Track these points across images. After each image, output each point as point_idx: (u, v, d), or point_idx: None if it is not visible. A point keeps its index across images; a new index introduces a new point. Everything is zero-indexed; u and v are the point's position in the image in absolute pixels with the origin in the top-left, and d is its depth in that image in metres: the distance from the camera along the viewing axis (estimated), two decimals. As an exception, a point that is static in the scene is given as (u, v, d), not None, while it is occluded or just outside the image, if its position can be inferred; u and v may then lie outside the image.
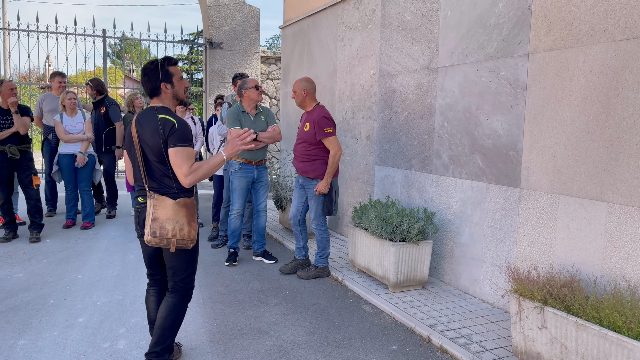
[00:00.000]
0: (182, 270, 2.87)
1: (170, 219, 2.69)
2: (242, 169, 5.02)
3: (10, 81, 5.75)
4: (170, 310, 2.84)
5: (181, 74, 2.87)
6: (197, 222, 2.86)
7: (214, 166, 2.71)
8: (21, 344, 3.27)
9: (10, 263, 5.00)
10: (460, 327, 3.60)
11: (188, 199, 2.78)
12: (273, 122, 5.12)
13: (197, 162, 2.71)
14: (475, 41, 4.12)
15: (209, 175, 2.74)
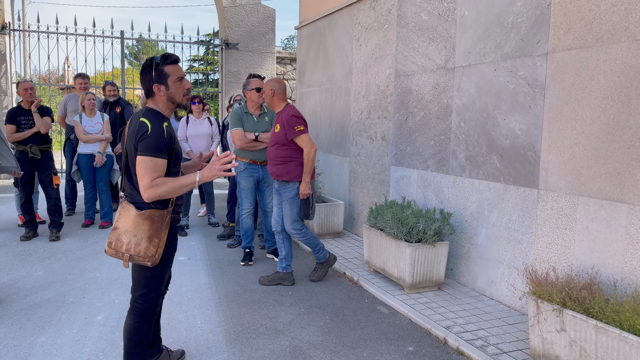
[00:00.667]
0: (141, 285, 2.55)
1: (129, 231, 2.44)
2: (247, 169, 5.07)
3: (27, 81, 5.85)
4: (129, 332, 2.58)
5: (182, 74, 2.57)
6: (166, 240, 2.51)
7: (182, 186, 2.40)
8: (41, 341, 3.33)
9: (31, 261, 5.08)
10: (477, 329, 3.57)
11: (157, 211, 2.48)
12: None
13: (165, 177, 2.42)
14: (493, 41, 4.08)
15: (173, 193, 2.41)
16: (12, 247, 5.58)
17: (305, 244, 4.70)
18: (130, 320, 2.59)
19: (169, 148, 2.47)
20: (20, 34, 10.48)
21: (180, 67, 2.59)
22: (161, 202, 2.51)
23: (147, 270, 2.54)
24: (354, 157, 6.41)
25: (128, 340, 2.58)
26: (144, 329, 2.59)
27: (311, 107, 7.69)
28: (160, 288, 2.60)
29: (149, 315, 2.60)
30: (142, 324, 2.58)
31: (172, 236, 2.61)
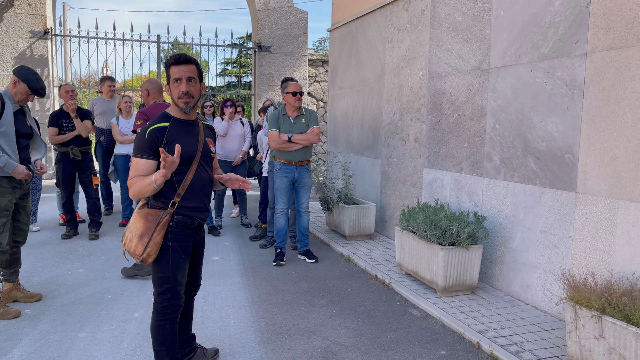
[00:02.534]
0: (156, 285, 2.61)
1: (129, 226, 2.56)
2: (283, 169, 5.21)
3: (69, 84, 6.05)
4: (152, 330, 2.64)
5: (178, 75, 2.53)
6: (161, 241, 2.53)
7: (144, 186, 2.43)
8: (81, 336, 3.44)
9: (71, 259, 5.26)
10: (511, 334, 3.51)
11: (153, 211, 2.54)
12: (314, 123, 5.24)
13: (139, 177, 2.47)
14: (529, 41, 4.01)
15: (141, 193, 2.46)
16: (54, 245, 5.79)
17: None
18: (153, 319, 2.65)
19: (156, 149, 2.49)
20: (62, 39, 10.85)
21: (181, 68, 2.54)
22: (162, 202, 2.57)
23: (157, 270, 2.59)
24: (385, 159, 6.39)
25: (153, 338, 2.65)
26: (165, 327, 2.62)
27: (343, 109, 7.71)
28: (175, 289, 2.61)
29: (168, 314, 2.62)
30: (163, 323, 2.62)
31: (178, 238, 2.60)
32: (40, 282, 4.52)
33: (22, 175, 3.77)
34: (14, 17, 10.08)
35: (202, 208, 2.69)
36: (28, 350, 3.22)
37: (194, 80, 2.58)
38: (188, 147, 2.59)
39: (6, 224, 3.75)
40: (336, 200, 6.33)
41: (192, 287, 2.92)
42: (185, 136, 2.60)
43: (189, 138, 2.62)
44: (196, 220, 2.67)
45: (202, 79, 2.67)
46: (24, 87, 3.78)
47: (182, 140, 2.58)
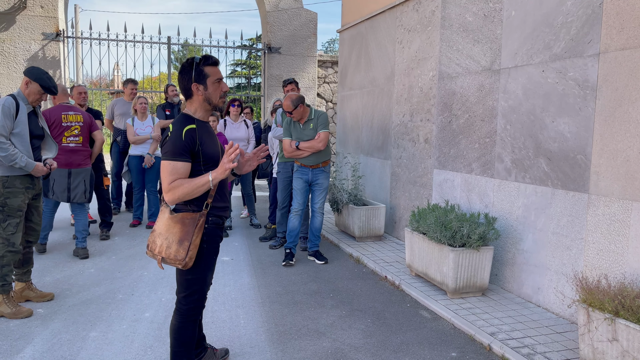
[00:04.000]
0: (184, 287, 2.61)
1: (162, 234, 2.51)
2: (299, 171, 5.36)
3: (81, 85, 6.10)
4: (175, 331, 2.64)
5: (221, 75, 2.60)
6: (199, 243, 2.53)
7: (198, 186, 2.43)
8: (93, 336, 3.47)
9: (83, 259, 5.29)
10: (523, 336, 3.49)
11: (189, 214, 2.51)
12: (323, 128, 5.24)
13: (184, 179, 2.45)
14: (541, 41, 3.98)
15: (191, 195, 2.44)
16: (65, 245, 5.84)
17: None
18: (175, 320, 2.64)
19: (192, 151, 2.48)
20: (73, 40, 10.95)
21: (219, 69, 2.61)
22: (195, 205, 2.53)
23: (187, 272, 2.57)
24: (395, 160, 6.37)
25: (174, 339, 2.65)
26: (188, 329, 2.63)
27: (352, 110, 7.70)
28: (202, 290, 2.63)
29: (193, 316, 2.64)
30: (187, 325, 2.63)
31: (211, 239, 2.61)
32: (52, 281, 4.56)
33: (40, 173, 3.86)
34: (27, 19, 10.18)
35: (229, 207, 2.75)
36: (40, 349, 3.24)
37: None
38: (213, 147, 2.61)
39: (19, 224, 3.78)
40: (346, 201, 6.32)
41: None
42: (209, 137, 2.64)
43: (212, 139, 2.67)
44: (223, 219, 2.70)
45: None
46: (36, 86, 3.82)
47: (209, 140, 2.61)
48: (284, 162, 5.80)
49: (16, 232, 3.76)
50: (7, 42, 10.12)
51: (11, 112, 3.70)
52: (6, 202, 3.73)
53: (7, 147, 3.65)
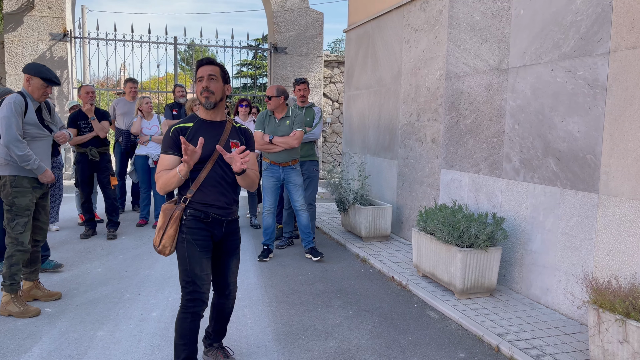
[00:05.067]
0: (180, 278, 2.74)
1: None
2: (269, 169, 5.39)
3: (89, 85, 6.12)
4: (175, 323, 2.76)
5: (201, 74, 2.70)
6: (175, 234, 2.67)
7: (169, 177, 2.60)
8: (100, 335, 3.47)
9: (90, 258, 5.31)
10: (531, 337, 3.46)
11: (168, 205, 2.70)
12: (299, 127, 5.30)
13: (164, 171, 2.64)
14: (550, 40, 3.95)
15: (167, 185, 2.61)
16: (72, 244, 5.86)
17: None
18: (178, 312, 2.73)
19: (178, 146, 2.65)
20: (81, 41, 10.99)
21: (204, 68, 2.70)
22: (178, 197, 2.73)
23: (178, 264, 2.72)
24: (402, 160, 6.35)
25: (174, 331, 2.73)
26: (186, 321, 2.68)
27: (359, 110, 7.68)
28: (195, 283, 2.66)
29: (190, 308, 2.67)
30: (184, 316, 2.68)
31: (192, 232, 2.68)
32: (60, 280, 4.57)
33: (47, 180, 3.87)
34: (34, 20, 10.24)
35: (219, 205, 2.73)
36: (48, 348, 3.25)
37: (215, 79, 2.70)
38: (205, 146, 2.67)
39: (27, 223, 3.79)
40: (352, 201, 6.31)
41: (220, 288, 2.92)
42: (205, 135, 2.69)
43: (210, 138, 2.69)
44: (211, 215, 2.72)
45: (228, 82, 2.78)
46: (38, 81, 3.83)
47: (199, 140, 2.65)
48: None
49: (24, 231, 3.78)
50: (15, 43, 10.18)
51: (21, 110, 3.72)
52: (14, 201, 3.74)
53: (24, 147, 3.68)
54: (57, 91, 10.46)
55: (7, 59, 10.17)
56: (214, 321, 3.01)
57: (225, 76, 2.77)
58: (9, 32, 10.13)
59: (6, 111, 3.67)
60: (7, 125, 3.64)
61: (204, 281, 2.69)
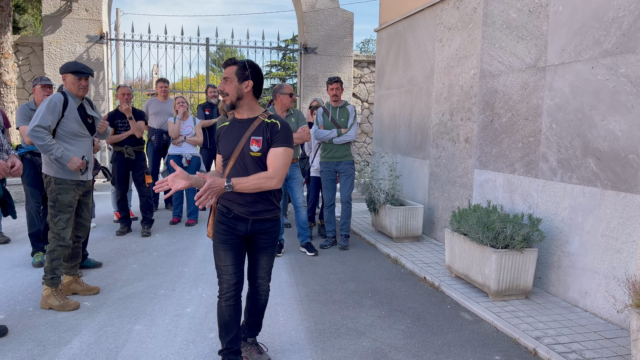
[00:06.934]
0: None
1: None
2: None
3: (126, 86, 6.25)
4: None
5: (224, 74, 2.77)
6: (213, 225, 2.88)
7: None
8: (137, 329, 3.54)
9: (126, 254, 5.43)
10: (570, 341, 3.38)
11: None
12: (303, 123, 5.42)
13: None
14: (590, 37, 3.85)
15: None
16: (109, 240, 6.00)
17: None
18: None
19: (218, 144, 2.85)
20: (116, 43, 11.26)
21: (224, 71, 2.78)
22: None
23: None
24: (434, 160, 6.28)
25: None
26: (220, 307, 2.83)
27: (389, 110, 7.64)
28: (221, 275, 2.80)
29: (222, 295, 2.82)
30: (219, 302, 2.84)
31: (217, 224, 2.81)
32: (98, 276, 4.69)
33: (76, 166, 3.87)
34: (72, 22, 10.53)
35: (239, 202, 2.74)
36: (87, 341, 3.34)
37: (229, 80, 2.75)
38: (228, 144, 2.78)
39: (69, 219, 3.90)
40: (383, 201, 6.28)
41: (251, 280, 3.01)
42: (231, 134, 2.79)
43: (233, 136, 2.78)
44: (234, 212, 2.76)
45: (248, 78, 2.74)
46: (70, 76, 3.94)
47: (226, 137, 2.81)
48: (327, 162, 5.83)
49: (66, 227, 3.89)
50: (54, 45, 10.49)
51: (57, 108, 3.82)
52: (57, 197, 3.86)
53: (44, 137, 3.75)
54: (93, 92, 10.73)
55: (46, 61, 10.48)
56: (248, 312, 3.08)
57: (244, 73, 2.73)
58: (47, 34, 10.44)
59: (39, 107, 3.82)
60: (34, 118, 3.77)
61: (222, 271, 2.81)
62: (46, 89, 4.94)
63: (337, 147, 5.79)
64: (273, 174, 2.69)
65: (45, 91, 4.91)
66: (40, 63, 11.02)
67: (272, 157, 2.72)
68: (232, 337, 2.85)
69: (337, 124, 5.78)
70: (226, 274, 2.79)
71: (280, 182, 2.73)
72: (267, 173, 2.68)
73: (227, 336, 2.85)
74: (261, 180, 2.66)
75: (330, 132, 5.73)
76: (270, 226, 2.88)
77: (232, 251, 2.78)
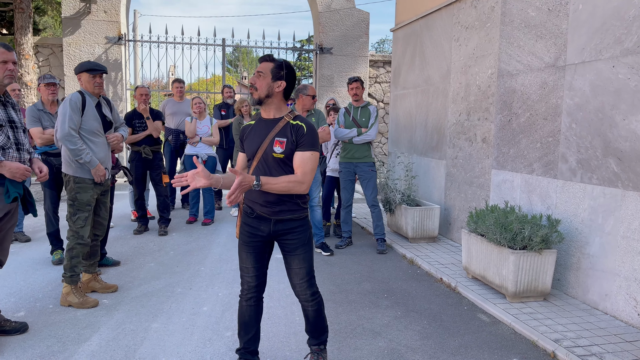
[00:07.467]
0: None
1: None
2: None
3: (144, 87, 6.32)
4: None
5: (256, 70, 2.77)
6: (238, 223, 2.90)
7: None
8: (155, 327, 3.58)
9: (143, 253, 5.49)
10: (589, 344, 3.33)
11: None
12: (323, 123, 5.47)
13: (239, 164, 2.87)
14: (611, 35, 3.79)
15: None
16: (126, 239, 6.06)
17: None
18: None
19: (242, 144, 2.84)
20: (134, 44, 11.39)
21: (259, 66, 2.75)
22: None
23: None
24: (450, 160, 6.24)
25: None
26: (240, 304, 2.88)
27: (406, 109, 7.61)
28: (244, 274, 2.83)
29: (242, 295, 2.87)
30: (240, 302, 2.88)
31: (242, 227, 2.82)
32: (116, 274, 4.74)
33: (99, 174, 3.97)
34: (91, 24, 10.67)
35: (261, 202, 2.71)
36: (106, 337, 3.38)
37: (262, 75, 2.68)
38: (252, 144, 2.74)
39: (88, 218, 3.96)
40: (398, 202, 6.25)
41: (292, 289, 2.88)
42: (255, 133, 2.73)
43: (258, 136, 2.71)
44: (257, 212, 2.73)
45: (281, 78, 2.68)
46: (85, 76, 3.99)
47: (251, 137, 2.76)
48: (346, 162, 5.83)
49: (85, 225, 3.94)
50: (73, 46, 10.64)
51: (78, 106, 3.89)
52: (76, 196, 3.91)
53: (77, 141, 3.83)
54: (111, 93, 10.87)
55: (65, 62, 10.64)
56: (305, 319, 2.97)
57: (279, 73, 2.68)
58: (67, 35, 10.60)
59: (62, 108, 3.87)
60: (62, 121, 3.83)
61: (244, 272, 2.83)
62: (50, 87, 4.96)
63: (356, 147, 5.77)
64: (302, 179, 2.62)
65: (50, 89, 4.93)
66: (60, 64, 11.19)
67: (300, 161, 2.64)
68: (250, 337, 2.86)
69: (357, 124, 5.77)
70: (247, 275, 2.81)
71: (309, 187, 2.67)
72: (297, 177, 2.62)
73: (245, 335, 2.86)
74: (291, 183, 2.59)
75: (350, 131, 5.72)
76: (296, 227, 2.76)
77: (253, 254, 2.78)
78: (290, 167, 2.67)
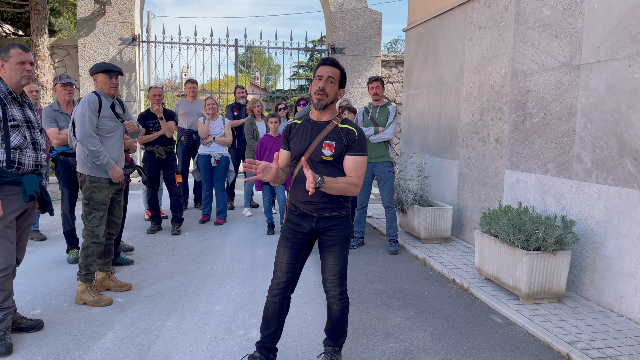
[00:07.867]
0: None
1: None
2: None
3: (158, 87, 6.37)
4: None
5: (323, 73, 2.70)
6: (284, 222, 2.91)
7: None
8: (168, 325, 3.60)
9: (156, 252, 5.53)
10: (604, 346, 3.29)
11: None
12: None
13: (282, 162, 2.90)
14: (627, 34, 3.75)
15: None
16: (140, 238, 6.12)
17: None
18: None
19: (286, 141, 2.86)
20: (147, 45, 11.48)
21: (326, 68, 2.70)
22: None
23: None
24: (463, 160, 6.21)
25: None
26: (267, 301, 2.90)
27: (418, 109, 7.58)
28: (277, 269, 2.85)
29: (270, 290, 2.88)
30: (267, 297, 2.90)
31: (286, 223, 2.86)
32: (130, 273, 4.79)
33: (116, 175, 4.03)
34: (105, 25, 10.78)
35: (304, 200, 2.77)
36: (120, 336, 3.41)
37: (333, 82, 2.69)
38: (300, 144, 2.76)
39: (103, 217, 4.00)
40: (411, 202, 6.23)
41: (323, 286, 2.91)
42: (303, 134, 2.76)
43: (306, 137, 2.75)
44: (300, 209, 2.79)
45: (343, 86, 2.77)
46: (101, 76, 4.03)
47: (299, 137, 2.78)
48: None
49: (100, 224, 3.98)
50: (88, 47, 10.76)
51: (95, 107, 3.94)
52: (92, 195, 3.96)
53: (96, 142, 3.89)
54: (125, 93, 10.97)
55: (80, 63, 10.76)
56: (327, 317, 2.98)
57: (343, 80, 2.76)
58: (82, 37, 10.72)
59: (81, 109, 3.91)
60: (82, 122, 3.88)
61: (277, 267, 2.86)
62: (67, 87, 5.01)
63: (373, 146, 5.75)
64: (358, 182, 2.68)
65: (66, 89, 4.99)
66: (75, 65, 11.33)
67: (353, 165, 2.68)
68: (270, 333, 2.88)
69: (375, 123, 5.75)
70: (279, 270, 2.85)
71: (359, 190, 2.77)
72: (353, 179, 2.67)
73: (265, 330, 2.89)
74: (348, 185, 2.65)
75: (367, 129, 5.71)
76: (337, 223, 2.80)
77: (290, 249, 2.82)
78: (337, 169, 2.72)
